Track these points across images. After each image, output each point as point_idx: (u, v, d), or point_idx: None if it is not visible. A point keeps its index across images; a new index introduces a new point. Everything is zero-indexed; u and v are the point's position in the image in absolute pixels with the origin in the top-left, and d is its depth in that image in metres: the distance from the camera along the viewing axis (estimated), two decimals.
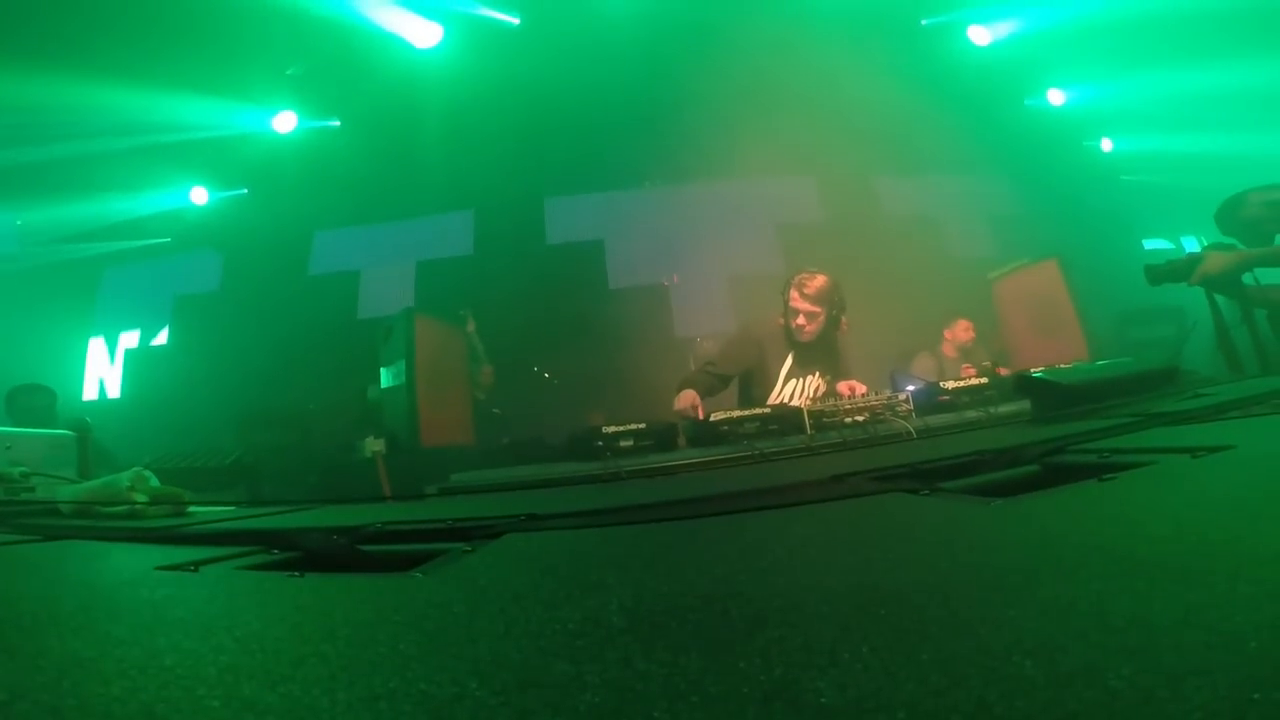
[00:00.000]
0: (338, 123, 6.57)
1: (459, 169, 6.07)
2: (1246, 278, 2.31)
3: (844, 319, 2.75)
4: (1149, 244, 6.62)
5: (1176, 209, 6.11)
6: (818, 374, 2.77)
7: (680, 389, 2.66)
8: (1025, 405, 1.71)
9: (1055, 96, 6.92)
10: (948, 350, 4.57)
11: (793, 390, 2.75)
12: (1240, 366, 2.15)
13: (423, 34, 6.11)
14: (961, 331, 4.56)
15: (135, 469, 1.53)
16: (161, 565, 0.76)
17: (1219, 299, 2.36)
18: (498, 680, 0.34)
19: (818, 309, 2.66)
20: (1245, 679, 0.26)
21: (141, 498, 1.44)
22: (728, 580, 0.50)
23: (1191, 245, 6.10)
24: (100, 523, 1.33)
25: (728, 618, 0.41)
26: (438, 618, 0.47)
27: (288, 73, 6.06)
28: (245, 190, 6.77)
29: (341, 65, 6.12)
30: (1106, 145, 7.11)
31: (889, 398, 1.98)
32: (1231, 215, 2.51)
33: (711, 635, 0.38)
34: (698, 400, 2.59)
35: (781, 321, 2.77)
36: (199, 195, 6.76)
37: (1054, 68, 6.68)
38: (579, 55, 5.89)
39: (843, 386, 2.51)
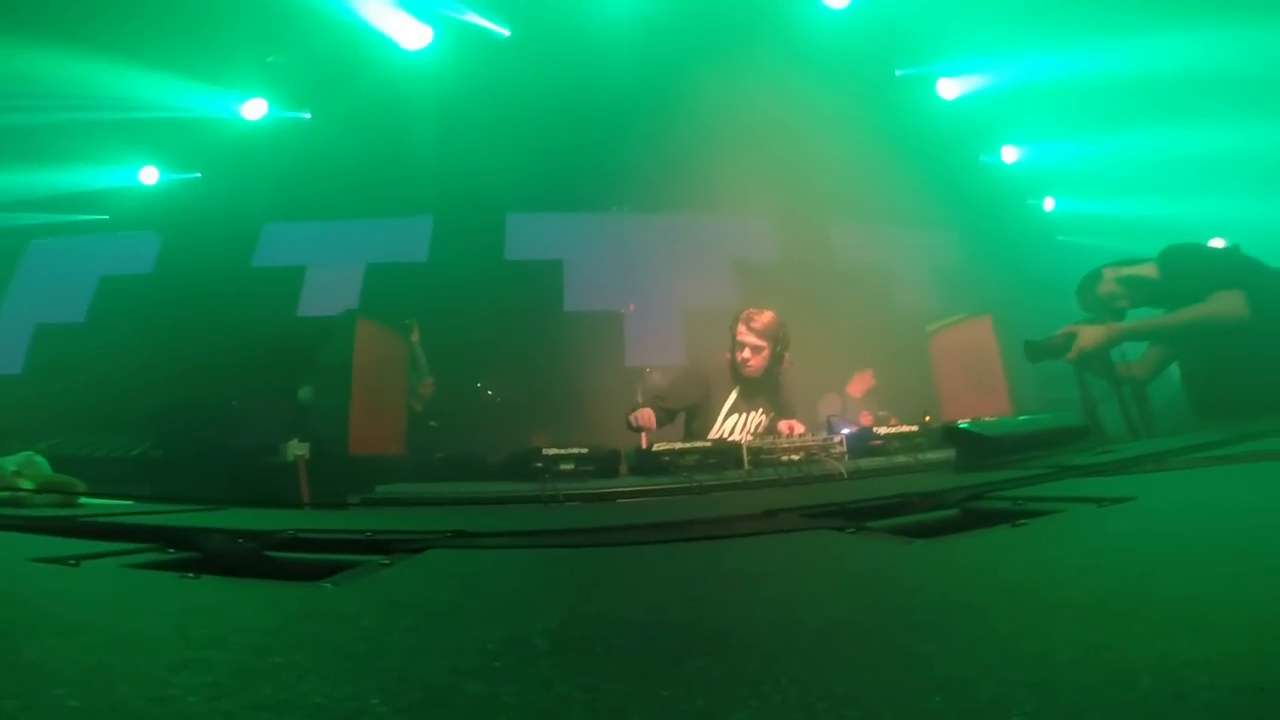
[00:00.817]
0: (308, 115, 6.33)
1: (424, 174, 5.95)
2: (1115, 354, 2.41)
3: (788, 355, 2.82)
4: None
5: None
6: (760, 410, 2.82)
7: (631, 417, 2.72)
8: (951, 454, 1.78)
9: (1009, 153, 7.08)
10: (853, 392, 4.83)
11: (734, 425, 2.78)
12: (1105, 439, 2.24)
13: (412, 36, 5.96)
14: (865, 380, 4.85)
15: (25, 453, 1.40)
16: (37, 557, 0.68)
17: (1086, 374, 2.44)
18: (404, 697, 0.31)
19: (763, 344, 2.72)
20: (1138, 715, 0.27)
21: (27, 484, 1.31)
22: (658, 608, 0.49)
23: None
24: None
25: (655, 645, 0.40)
26: (343, 630, 0.44)
27: (268, 59, 5.84)
28: (199, 174, 6.44)
29: (323, 57, 5.90)
30: (1048, 204, 7.33)
31: (824, 439, 2.03)
32: (1089, 291, 2.55)
33: (638, 662, 0.37)
34: (654, 419, 2.63)
35: (728, 356, 2.82)
36: (148, 174, 6.33)
37: (1013, 124, 6.87)
38: (562, 76, 5.90)
39: (783, 425, 2.56)
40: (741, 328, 2.74)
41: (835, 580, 0.59)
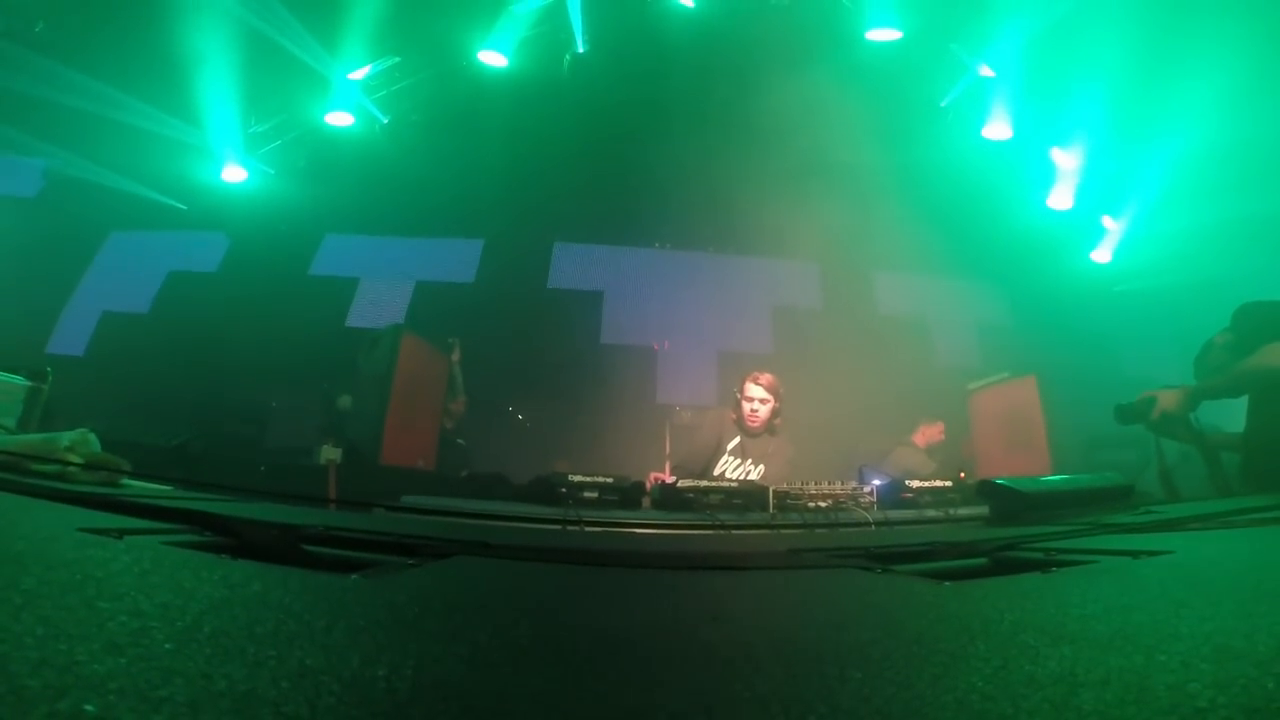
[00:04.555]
0: (386, 120, 6.45)
1: (481, 195, 6.12)
2: (1193, 418, 2.29)
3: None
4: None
5: (1166, 328, 5.82)
6: (751, 459, 2.92)
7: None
8: (984, 509, 1.72)
9: (1060, 197, 6.54)
10: (920, 444, 4.62)
11: (730, 468, 2.90)
12: (1178, 497, 2.13)
13: (493, 55, 6.02)
14: (932, 433, 4.62)
15: (80, 430, 1.46)
16: (84, 528, 0.71)
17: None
18: (434, 674, 0.32)
19: (770, 398, 2.93)
20: None
21: (76, 459, 1.37)
22: (681, 623, 0.49)
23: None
24: (25, 478, 1.25)
25: (678, 653, 0.40)
26: (374, 616, 0.45)
27: (349, 76, 6.08)
28: (272, 172, 6.64)
29: (409, 63, 6.11)
30: (1104, 256, 6.83)
31: (854, 488, 1.98)
32: (1202, 362, 2.38)
33: (661, 665, 0.38)
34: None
35: (733, 416, 2.97)
36: (231, 173, 6.50)
37: (1061, 165, 6.44)
38: (625, 112, 6.03)
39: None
40: (749, 385, 2.97)
41: (859, 609, 0.59)
